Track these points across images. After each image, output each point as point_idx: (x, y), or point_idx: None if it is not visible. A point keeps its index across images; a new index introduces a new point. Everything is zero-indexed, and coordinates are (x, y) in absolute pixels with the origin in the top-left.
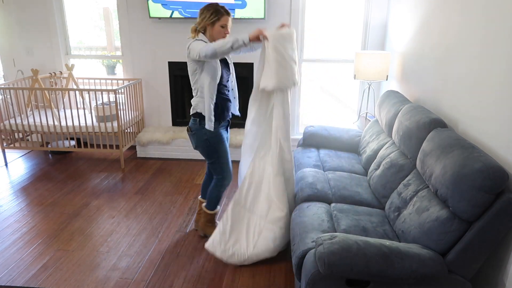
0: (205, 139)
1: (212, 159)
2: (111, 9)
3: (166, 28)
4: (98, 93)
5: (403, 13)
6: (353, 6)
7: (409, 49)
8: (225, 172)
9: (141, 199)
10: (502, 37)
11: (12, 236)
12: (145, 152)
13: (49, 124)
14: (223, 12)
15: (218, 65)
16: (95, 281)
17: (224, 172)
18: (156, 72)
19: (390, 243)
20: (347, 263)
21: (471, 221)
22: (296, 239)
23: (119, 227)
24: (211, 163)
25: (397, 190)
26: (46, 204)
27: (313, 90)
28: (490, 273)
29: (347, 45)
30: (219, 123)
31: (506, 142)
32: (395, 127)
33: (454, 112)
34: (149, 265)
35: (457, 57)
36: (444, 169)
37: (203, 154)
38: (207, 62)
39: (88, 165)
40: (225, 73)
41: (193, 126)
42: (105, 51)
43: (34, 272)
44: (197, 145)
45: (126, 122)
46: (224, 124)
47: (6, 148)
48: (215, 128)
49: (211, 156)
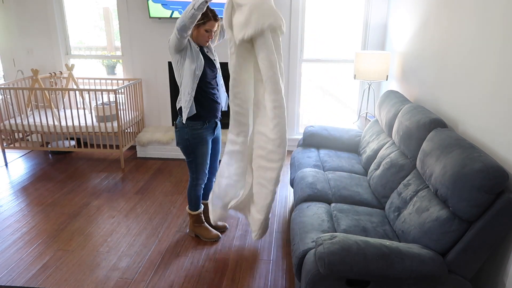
0: (185, 138)
1: (189, 158)
2: (111, 9)
3: (166, 28)
4: (98, 93)
5: (403, 13)
6: (353, 6)
7: (409, 49)
8: (199, 173)
9: (141, 199)
10: (502, 37)
11: (12, 236)
12: (145, 152)
13: (49, 124)
14: (210, 16)
15: (200, 57)
16: (95, 281)
17: (198, 172)
18: (156, 72)
19: (390, 243)
20: (347, 263)
21: (471, 221)
22: (296, 239)
23: (119, 227)
24: (188, 162)
25: (397, 190)
26: (46, 204)
27: (313, 90)
28: (490, 273)
29: (347, 45)
30: (203, 123)
31: (506, 142)
32: (395, 127)
33: (454, 112)
34: (149, 265)
35: (457, 57)
36: (444, 169)
37: (182, 151)
38: (187, 53)
39: (88, 165)
40: (208, 70)
41: (178, 123)
42: (105, 51)
43: (34, 272)
44: (178, 142)
45: (126, 122)
46: (209, 125)
47: (6, 148)
48: (196, 128)
49: (189, 155)
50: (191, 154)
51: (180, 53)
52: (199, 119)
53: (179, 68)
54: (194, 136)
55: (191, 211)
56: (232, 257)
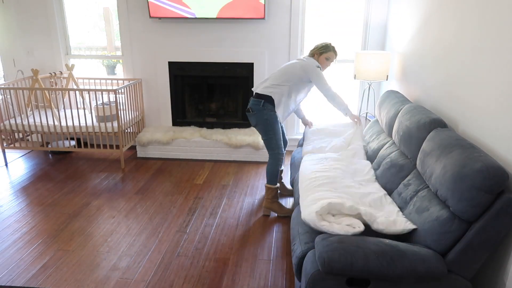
0: (265, 118)
1: (269, 135)
2: (111, 9)
3: (166, 28)
4: (98, 93)
5: (403, 13)
6: (353, 6)
7: (409, 49)
8: (280, 147)
9: (141, 199)
10: (501, 37)
11: (12, 236)
12: (145, 152)
13: (49, 124)
14: (331, 48)
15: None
16: (95, 281)
17: (279, 147)
18: (156, 72)
19: (390, 241)
20: (347, 261)
21: (471, 221)
22: (296, 239)
23: (119, 227)
24: (268, 139)
25: (397, 190)
26: (46, 204)
27: (313, 90)
28: (490, 273)
29: (347, 45)
30: (274, 109)
31: (506, 142)
32: (395, 127)
33: (454, 112)
34: (149, 265)
35: (457, 57)
36: (444, 169)
37: (262, 131)
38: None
39: (88, 165)
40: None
41: (255, 107)
42: (105, 51)
43: (34, 272)
44: (257, 123)
45: (126, 122)
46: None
47: (6, 148)
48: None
49: (268, 132)
50: (270, 132)
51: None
52: (274, 106)
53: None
54: (272, 116)
55: (271, 185)
56: (232, 257)
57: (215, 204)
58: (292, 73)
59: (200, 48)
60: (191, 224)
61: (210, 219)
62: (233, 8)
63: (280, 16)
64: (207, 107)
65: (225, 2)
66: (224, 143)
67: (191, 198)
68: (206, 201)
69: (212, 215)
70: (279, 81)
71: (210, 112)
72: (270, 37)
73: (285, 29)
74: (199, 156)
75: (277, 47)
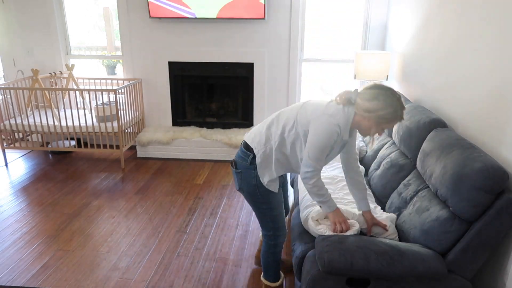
0: (254, 184)
1: (260, 210)
2: (111, 9)
3: (166, 28)
4: (98, 93)
5: (403, 13)
6: (353, 6)
7: (409, 49)
8: (279, 228)
9: (141, 199)
10: (501, 37)
11: (12, 236)
12: (145, 152)
13: (49, 124)
14: (400, 117)
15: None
16: (95, 281)
17: (278, 228)
18: (156, 72)
19: (389, 241)
20: (347, 261)
21: (471, 221)
22: (296, 239)
23: (119, 227)
24: (260, 215)
25: (397, 190)
26: (46, 204)
27: (313, 90)
28: (490, 273)
29: (347, 45)
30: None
31: (506, 142)
32: (395, 127)
33: (454, 112)
34: (149, 265)
35: (457, 57)
36: (444, 169)
37: (249, 201)
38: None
39: (88, 165)
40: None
41: (242, 162)
42: (105, 51)
43: (34, 272)
44: (240, 188)
45: (126, 122)
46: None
47: (6, 148)
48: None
49: (259, 206)
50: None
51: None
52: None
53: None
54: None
55: (268, 282)
56: (232, 257)
57: (215, 204)
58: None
59: (200, 48)
60: (191, 224)
61: (210, 219)
62: (233, 8)
63: (280, 16)
64: (207, 107)
65: (225, 2)
66: (224, 143)
67: (191, 198)
68: (206, 201)
69: (212, 215)
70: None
71: (210, 112)
72: (270, 37)
73: (285, 29)
74: (199, 156)
75: (277, 47)
